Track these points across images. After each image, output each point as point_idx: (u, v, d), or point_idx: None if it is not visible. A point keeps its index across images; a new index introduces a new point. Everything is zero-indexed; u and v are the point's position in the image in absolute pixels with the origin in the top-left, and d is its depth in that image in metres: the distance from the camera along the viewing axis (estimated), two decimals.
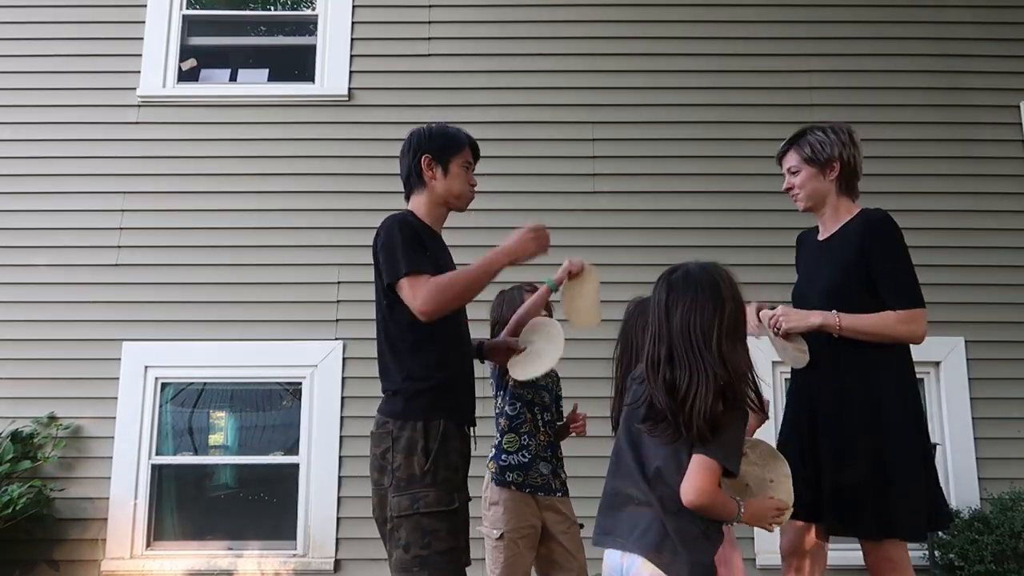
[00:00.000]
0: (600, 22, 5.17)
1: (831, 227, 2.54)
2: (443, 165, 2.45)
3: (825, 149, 2.49)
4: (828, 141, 2.49)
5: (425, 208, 2.45)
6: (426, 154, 2.44)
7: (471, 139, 2.55)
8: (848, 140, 2.51)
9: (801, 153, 2.53)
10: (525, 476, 2.91)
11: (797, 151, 2.55)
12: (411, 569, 2.14)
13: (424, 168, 2.44)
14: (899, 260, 2.39)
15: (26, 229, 4.85)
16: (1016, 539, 3.93)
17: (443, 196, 2.46)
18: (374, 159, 4.85)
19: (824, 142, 2.50)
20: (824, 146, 2.49)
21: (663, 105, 5.03)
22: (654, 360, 1.82)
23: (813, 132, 2.53)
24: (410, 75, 5.09)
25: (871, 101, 5.04)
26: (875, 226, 2.42)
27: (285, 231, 4.86)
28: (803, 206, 2.58)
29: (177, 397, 4.77)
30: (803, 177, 2.53)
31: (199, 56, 5.27)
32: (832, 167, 2.50)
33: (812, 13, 5.18)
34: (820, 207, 2.55)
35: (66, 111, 5.01)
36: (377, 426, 2.31)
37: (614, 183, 4.95)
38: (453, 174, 2.46)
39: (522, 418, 2.97)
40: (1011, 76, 5.05)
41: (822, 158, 2.49)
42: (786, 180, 2.59)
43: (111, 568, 4.40)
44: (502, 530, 2.85)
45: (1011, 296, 4.78)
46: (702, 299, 1.82)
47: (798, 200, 2.57)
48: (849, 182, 2.53)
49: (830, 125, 2.54)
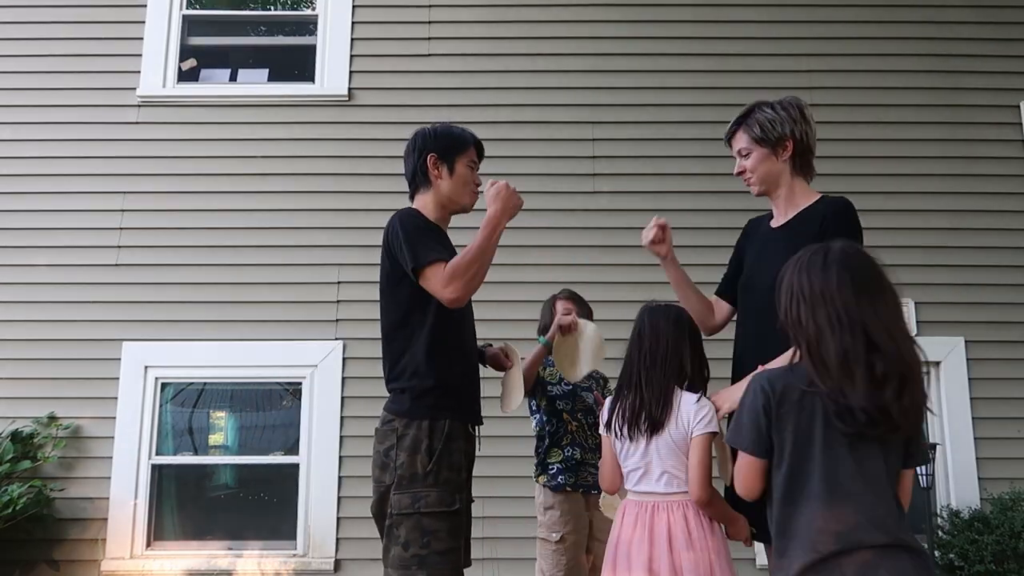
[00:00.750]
0: (600, 22, 5.17)
1: (787, 212, 2.33)
2: (449, 164, 2.45)
3: (776, 127, 2.28)
4: (778, 118, 2.28)
5: (431, 207, 2.45)
6: (432, 153, 2.44)
7: (476, 138, 2.55)
8: (799, 116, 2.29)
9: (750, 133, 2.31)
10: (576, 476, 3.02)
11: (746, 131, 2.33)
12: (409, 567, 2.14)
13: (430, 167, 2.43)
14: None
15: (26, 229, 4.85)
16: (1016, 539, 3.93)
17: (447, 196, 2.45)
18: (374, 159, 4.86)
19: (774, 119, 2.28)
20: (775, 124, 2.28)
21: (663, 105, 5.03)
22: (849, 353, 1.57)
23: (761, 109, 2.32)
24: (410, 75, 5.09)
25: (871, 101, 5.04)
26: (837, 215, 2.20)
27: (285, 231, 4.86)
28: (756, 190, 2.38)
29: (177, 397, 4.77)
30: (755, 159, 2.32)
31: (199, 56, 5.27)
32: (784, 146, 2.28)
33: (812, 13, 5.18)
34: (774, 190, 2.34)
35: (66, 111, 5.01)
36: (382, 423, 2.31)
37: (614, 183, 4.95)
38: (459, 174, 2.45)
39: (561, 430, 3.12)
40: (1011, 76, 5.05)
41: (773, 137, 2.28)
42: (737, 163, 2.38)
43: (111, 568, 4.40)
44: (561, 532, 2.91)
45: (1011, 296, 4.78)
46: (884, 281, 1.65)
47: (751, 184, 2.37)
48: (803, 161, 2.32)
49: (779, 100, 2.32)
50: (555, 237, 4.85)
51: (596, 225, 4.86)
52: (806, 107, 2.34)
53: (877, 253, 1.72)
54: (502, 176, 2.46)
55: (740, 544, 2.29)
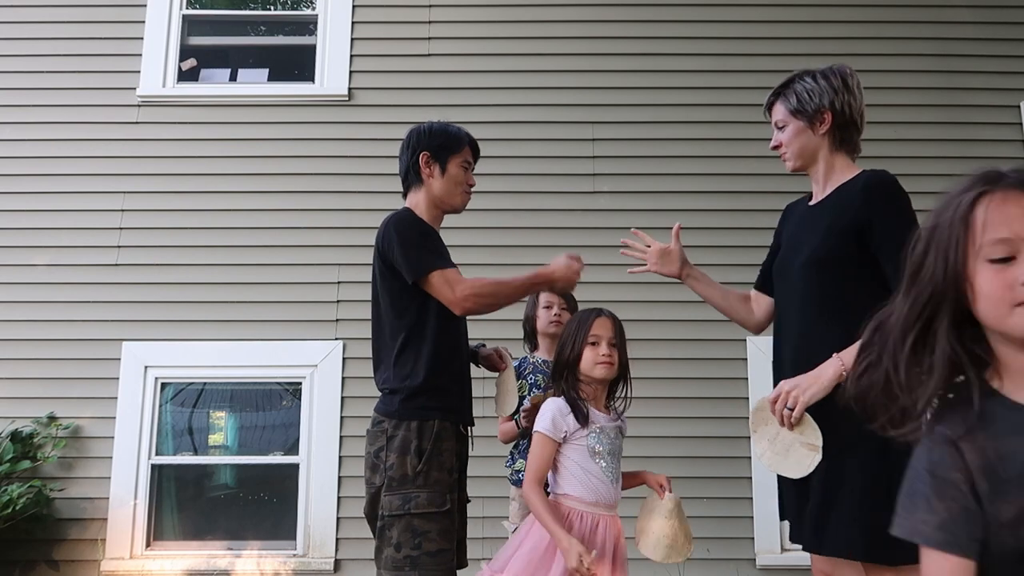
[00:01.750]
0: (600, 22, 5.17)
1: (825, 189, 2.16)
2: (441, 164, 2.44)
3: (813, 98, 2.12)
4: (817, 89, 2.12)
5: (423, 206, 2.44)
6: (425, 151, 2.44)
7: (471, 138, 2.54)
8: (841, 85, 2.13)
9: (787, 104, 2.17)
10: None
11: (783, 102, 2.19)
12: (402, 568, 2.14)
13: (422, 165, 2.43)
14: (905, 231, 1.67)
15: (26, 229, 4.85)
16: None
17: (439, 196, 2.44)
18: (374, 159, 4.85)
19: (813, 90, 2.13)
20: (812, 95, 2.13)
21: (663, 105, 5.03)
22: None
23: (801, 79, 2.17)
24: (410, 75, 5.09)
25: (871, 101, 4.93)
26: (878, 188, 2.01)
27: (285, 231, 4.86)
28: (791, 166, 2.21)
29: (177, 397, 4.77)
30: (790, 132, 2.17)
31: (199, 56, 5.27)
32: (822, 119, 2.13)
33: (812, 13, 5.18)
34: (811, 166, 2.18)
35: (66, 111, 5.01)
36: (372, 424, 2.31)
37: (614, 183, 4.95)
38: (451, 174, 2.44)
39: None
40: (1011, 76, 5.05)
41: (810, 109, 2.13)
42: (773, 137, 2.23)
43: (111, 568, 4.40)
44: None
45: None
46: None
47: (785, 159, 2.21)
48: (845, 135, 2.15)
49: (822, 69, 2.16)
50: (555, 237, 4.84)
51: (596, 225, 4.85)
52: (851, 75, 2.16)
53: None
54: (502, 176, 2.46)
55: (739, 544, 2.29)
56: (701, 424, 4.53)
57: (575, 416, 2.21)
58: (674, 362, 4.59)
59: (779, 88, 2.22)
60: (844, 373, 1.82)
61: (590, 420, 2.22)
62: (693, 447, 4.48)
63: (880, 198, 1.99)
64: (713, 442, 4.49)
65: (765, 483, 4.46)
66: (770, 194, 4.79)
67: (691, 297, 2.52)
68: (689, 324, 4.61)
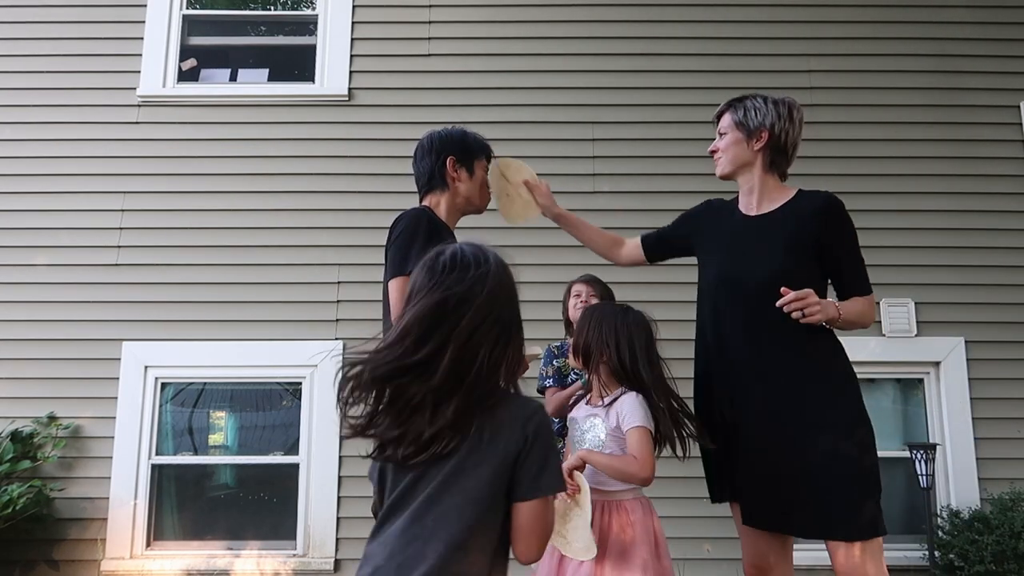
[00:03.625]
0: (600, 22, 5.17)
1: (762, 204, 2.38)
2: (468, 166, 2.48)
3: (757, 116, 2.36)
4: (764, 110, 2.36)
5: (444, 208, 2.45)
6: (451, 155, 2.45)
7: (487, 143, 2.60)
8: (786, 114, 2.36)
9: (734, 116, 2.42)
10: None
11: (732, 113, 2.44)
12: None
13: (449, 169, 2.45)
14: (857, 247, 2.28)
15: (26, 229, 4.85)
16: (1016, 539, 3.93)
17: (466, 197, 2.49)
18: (374, 159, 4.86)
19: (759, 109, 2.36)
20: (758, 113, 2.36)
21: (663, 105, 5.03)
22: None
23: (753, 98, 2.40)
24: (410, 75, 5.09)
25: (871, 101, 5.04)
26: (836, 212, 2.26)
27: (285, 231, 4.86)
28: (720, 170, 2.47)
29: (177, 397, 4.77)
30: (728, 140, 2.43)
31: (199, 56, 5.27)
32: (760, 136, 2.36)
33: (812, 13, 5.18)
34: (740, 175, 2.43)
35: (66, 111, 5.01)
36: None
37: (614, 183, 4.95)
38: (477, 176, 2.51)
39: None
40: (1011, 76, 5.05)
41: (752, 125, 2.37)
42: (715, 141, 2.50)
43: (111, 568, 4.40)
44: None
45: (1011, 296, 4.77)
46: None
47: (718, 163, 2.48)
48: (775, 159, 2.38)
49: (772, 96, 2.40)
50: (554, 237, 4.83)
51: (596, 225, 4.84)
52: (797, 109, 2.39)
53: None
54: None
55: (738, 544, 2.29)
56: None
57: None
58: (674, 362, 4.57)
59: (732, 101, 2.46)
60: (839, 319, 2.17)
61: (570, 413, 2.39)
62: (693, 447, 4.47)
63: (837, 223, 2.25)
64: None
65: None
66: None
67: (691, 297, 2.53)
68: (689, 324, 4.60)
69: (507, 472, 1.36)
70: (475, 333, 1.37)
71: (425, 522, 1.34)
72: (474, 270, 1.45)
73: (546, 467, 1.37)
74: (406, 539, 1.34)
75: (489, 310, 1.41)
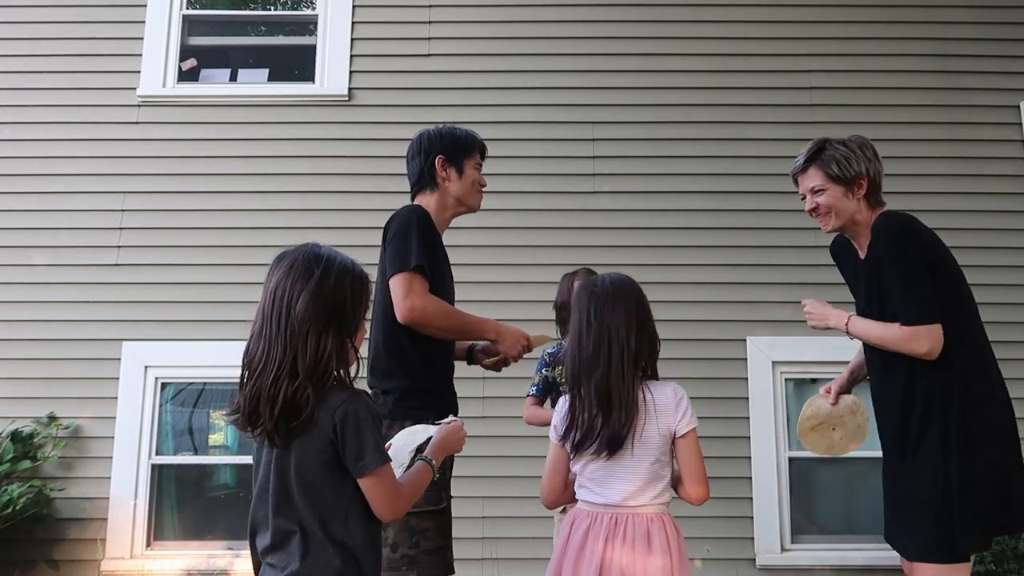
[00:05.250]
0: (600, 22, 5.17)
1: (863, 247, 2.42)
2: (457, 166, 2.46)
3: (852, 165, 2.33)
4: (854, 156, 2.34)
5: (435, 208, 2.45)
6: (440, 155, 2.44)
7: (481, 140, 2.57)
8: (872, 155, 2.37)
9: (827, 170, 2.35)
10: None
11: (821, 168, 2.36)
12: (399, 568, 2.14)
13: (438, 168, 2.44)
14: (904, 273, 2.22)
15: (26, 229, 4.85)
16: (1016, 539, 3.93)
17: (456, 197, 2.47)
18: (374, 159, 4.86)
19: (850, 158, 2.33)
20: (851, 162, 2.33)
21: (663, 105, 5.03)
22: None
23: (833, 147, 2.36)
24: (410, 75, 5.09)
25: (871, 101, 5.04)
26: (881, 237, 2.28)
27: (285, 231, 4.85)
28: (831, 226, 2.40)
29: (177, 397, 4.77)
30: (831, 197, 2.35)
31: (199, 56, 5.27)
32: (860, 184, 2.34)
33: (812, 13, 5.18)
34: (851, 227, 2.40)
35: (66, 111, 5.01)
36: None
37: (614, 183, 4.95)
38: (467, 175, 2.47)
39: None
40: (1011, 76, 5.05)
41: (849, 175, 2.33)
42: (808, 200, 2.40)
43: (111, 568, 4.40)
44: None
45: (1011, 296, 4.77)
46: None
47: (826, 221, 2.39)
48: (875, 197, 2.39)
49: (849, 139, 2.38)
50: (555, 237, 4.85)
51: (596, 225, 4.85)
52: (871, 145, 2.41)
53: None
54: (502, 176, 2.48)
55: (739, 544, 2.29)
56: (701, 424, 4.49)
57: None
58: (674, 362, 4.56)
59: (812, 155, 2.38)
60: (847, 332, 2.31)
61: None
62: None
63: (880, 245, 2.28)
64: (713, 442, 4.48)
65: (765, 483, 4.46)
66: (769, 194, 4.81)
67: (691, 297, 2.54)
68: (689, 324, 4.61)
69: (332, 453, 1.57)
70: (306, 325, 1.60)
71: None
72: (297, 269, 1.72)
73: (363, 447, 1.56)
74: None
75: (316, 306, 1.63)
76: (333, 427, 1.56)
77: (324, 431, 1.56)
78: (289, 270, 1.71)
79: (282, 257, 1.77)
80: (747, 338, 4.61)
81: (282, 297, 1.67)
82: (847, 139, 2.37)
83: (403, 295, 2.20)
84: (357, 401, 1.59)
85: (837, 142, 2.36)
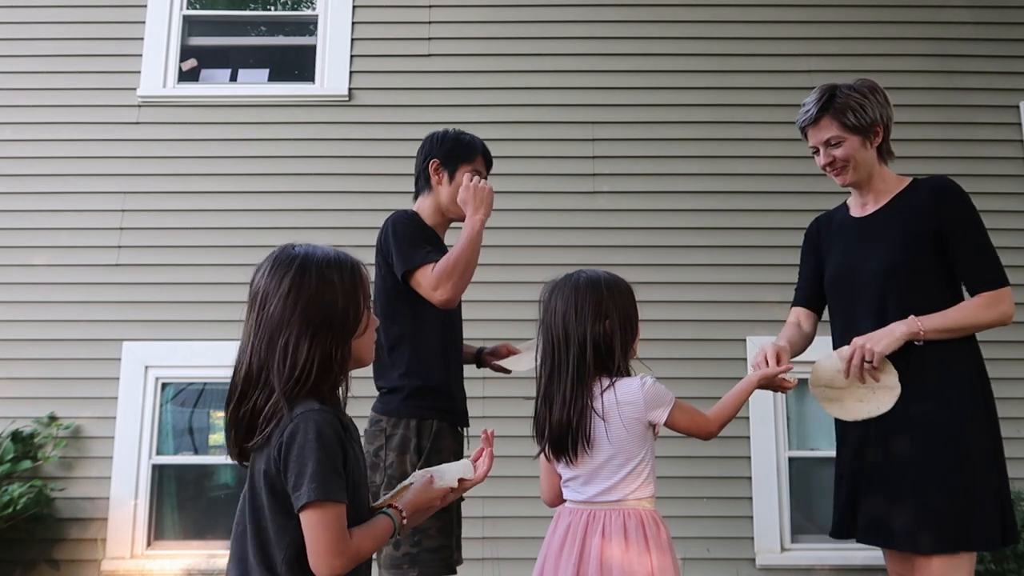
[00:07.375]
0: (600, 22, 5.18)
1: (876, 200, 2.21)
2: (450, 171, 2.44)
3: (868, 112, 2.13)
4: (868, 103, 2.14)
5: (429, 211, 2.46)
6: (435, 158, 2.44)
7: (485, 148, 2.53)
8: (884, 100, 2.19)
9: (843, 120, 2.13)
10: None
11: (836, 117, 2.14)
12: (401, 566, 2.15)
13: (431, 172, 2.44)
14: (981, 235, 2.08)
15: (26, 229, 4.85)
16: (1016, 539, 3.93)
17: (445, 204, 2.45)
18: (374, 159, 4.86)
19: (864, 104, 2.13)
20: (866, 109, 2.13)
21: (663, 105, 5.04)
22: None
23: (844, 93, 2.15)
24: (410, 75, 5.09)
25: None
26: (953, 197, 2.09)
27: (285, 231, 4.85)
28: (848, 180, 2.18)
29: (177, 397, 4.78)
30: (849, 148, 2.14)
31: (199, 56, 5.28)
32: (876, 132, 2.17)
33: (812, 13, 5.18)
34: (866, 180, 2.20)
35: (66, 111, 5.01)
36: (371, 424, 2.32)
37: (614, 183, 4.95)
38: (457, 182, 2.42)
39: None
40: (1011, 76, 5.05)
41: (866, 123, 2.14)
42: (822, 154, 2.18)
43: (111, 568, 4.41)
44: None
45: None
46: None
47: (844, 175, 2.18)
48: (887, 146, 2.22)
49: (858, 83, 2.19)
50: (554, 237, 4.85)
51: (596, 225, 4.86)
52: (883, 90, 2.23)
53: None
54: (503, 177, 2.47)
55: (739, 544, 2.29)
56: None
57: None
58: (674, 362, 4.58)
59: (824, 103, 2.16)
60: (921, 333, 1.97)
61: None
62: (693, 447, 4.45)
63: (953, 207, 2.08)
64: (713, 442, 4.47)
65: (765, 483, 4.46)
66: (769, 194, 4.81)
67: (691, 297, 2.53)
68: (689, 324, 4.61)
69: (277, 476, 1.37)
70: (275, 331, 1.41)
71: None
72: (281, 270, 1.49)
73: (301, 474, 1.32)
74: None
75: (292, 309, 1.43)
76: (279, 446, 1.35)
77: (271, 449, 1.37)
78: (268, 271, 1.52)
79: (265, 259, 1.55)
80: (747, 338, 4.61)
81: (262, 303, 1.48)
82: (856, 83, 2.18)
83: (430, 288, 2.20)
84: (309, 418, 1.35)
85: (847, 87, 2.16)
